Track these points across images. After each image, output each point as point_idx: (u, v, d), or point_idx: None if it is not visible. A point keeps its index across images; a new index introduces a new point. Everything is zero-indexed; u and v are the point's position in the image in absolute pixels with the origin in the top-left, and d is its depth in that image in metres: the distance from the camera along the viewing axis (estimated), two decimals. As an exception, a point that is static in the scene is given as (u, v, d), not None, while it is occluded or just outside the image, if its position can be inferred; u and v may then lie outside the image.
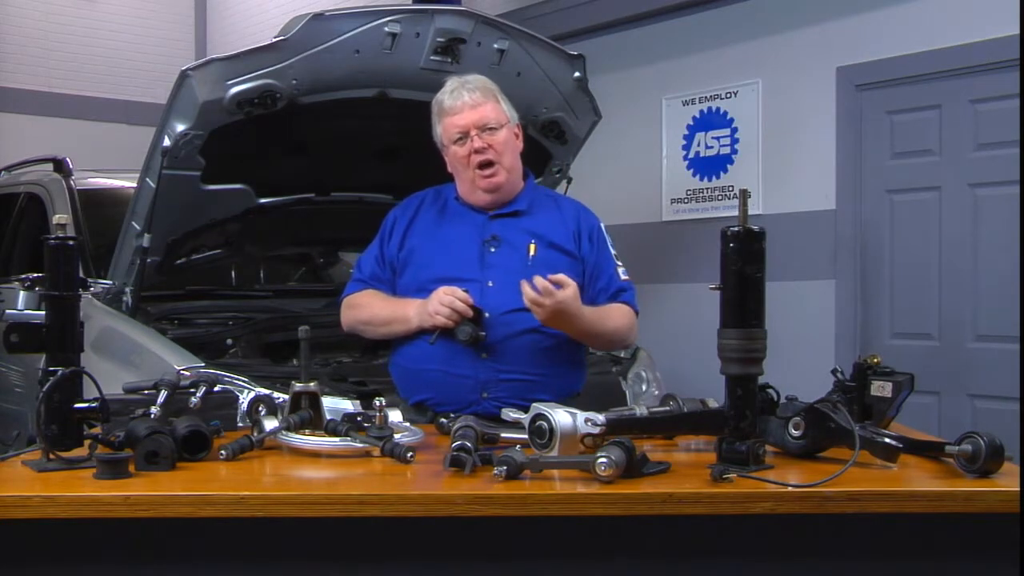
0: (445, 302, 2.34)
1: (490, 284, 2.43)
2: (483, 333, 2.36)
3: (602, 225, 2.60)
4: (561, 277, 2.29)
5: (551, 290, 2.26)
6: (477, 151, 2.45)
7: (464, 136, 2.46)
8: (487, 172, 2.46)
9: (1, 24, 8.33)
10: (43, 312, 1.84)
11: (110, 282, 3.71)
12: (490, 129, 2.46)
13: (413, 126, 2.88)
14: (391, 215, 2.63)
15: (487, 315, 2.37)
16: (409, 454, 1.80)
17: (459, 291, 2.36)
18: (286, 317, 4.01)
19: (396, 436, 1.90)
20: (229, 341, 3.76)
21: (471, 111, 2.46)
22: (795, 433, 1.84)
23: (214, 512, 1.56)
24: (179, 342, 3.49)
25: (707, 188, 5.35)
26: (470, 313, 2.34)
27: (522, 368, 2.40)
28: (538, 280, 2.27)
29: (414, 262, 2.52)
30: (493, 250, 2.47)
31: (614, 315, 2.50)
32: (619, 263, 2.56)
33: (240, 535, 1.61)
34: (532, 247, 2.46)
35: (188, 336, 3.66)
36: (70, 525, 1.58)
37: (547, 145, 3.99)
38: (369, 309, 2.55)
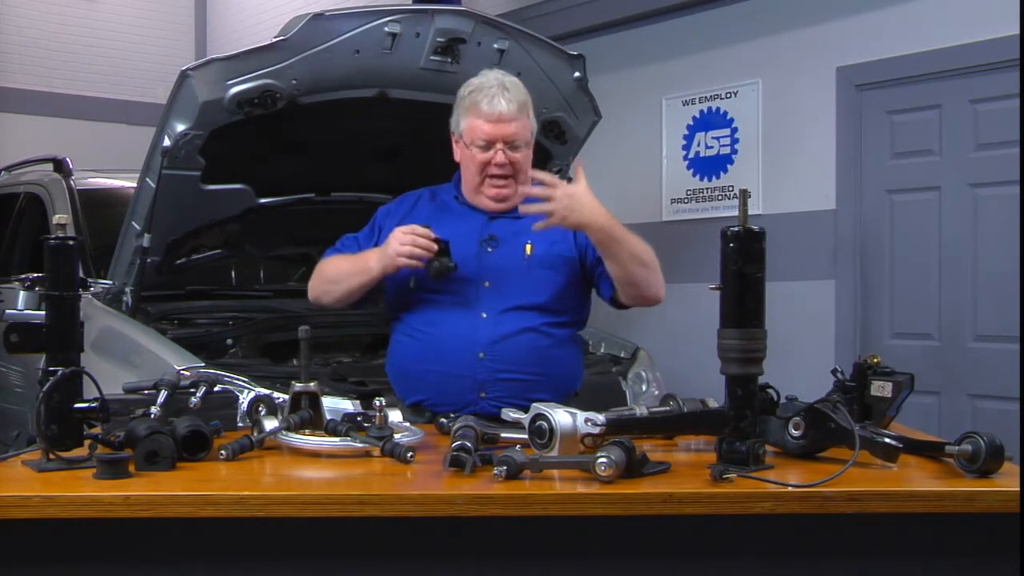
0: (405, 241, 2.30)
1: (487, 284, 2.41)
2: (452, 265, 2.32)
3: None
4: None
5: (557, 181, 2.29)
6: (498, 164, 2.42)
7: (488, 146, 2.42)
8: (499, 183, 2.44)
9: (1, 24, 8.33)
10: (43, 312, 1.84)
11: (110, 282, 3.71)
12: (516, 146, 2.43)
13: (413, 126, 2.88)
14: (383, 208, 2.61)
15: (448, 243, 2.33)
16: (409, 454, 1.80)
17: (418, 227, 2.32)
18: (286, 317, 4.01)
19: (396, 436, 1.90)
20: (229, 341, 3.76)
21: (505, 124, 2.40)
22: (795, 433, 1.83)
23: (214, 512, 1.56)
24: (179, 342, 3.49)
25: (707, 188, 5.36)
26: (435, 247, 2.30)
27: (520, 367, 2.38)
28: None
29: None
30: (490, 250, 2.45)
31: (635, 236, 2.42)
32: None
33: (240, 535, 1.61)
34: (528, 247, 2.44)
35: (188, 336, 3.66)
36: (70, 525, 1.58)
37: (547, 145, 3.99)
38: (332, 268, 2.52)
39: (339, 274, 2.50)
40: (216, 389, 2.17)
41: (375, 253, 2.41)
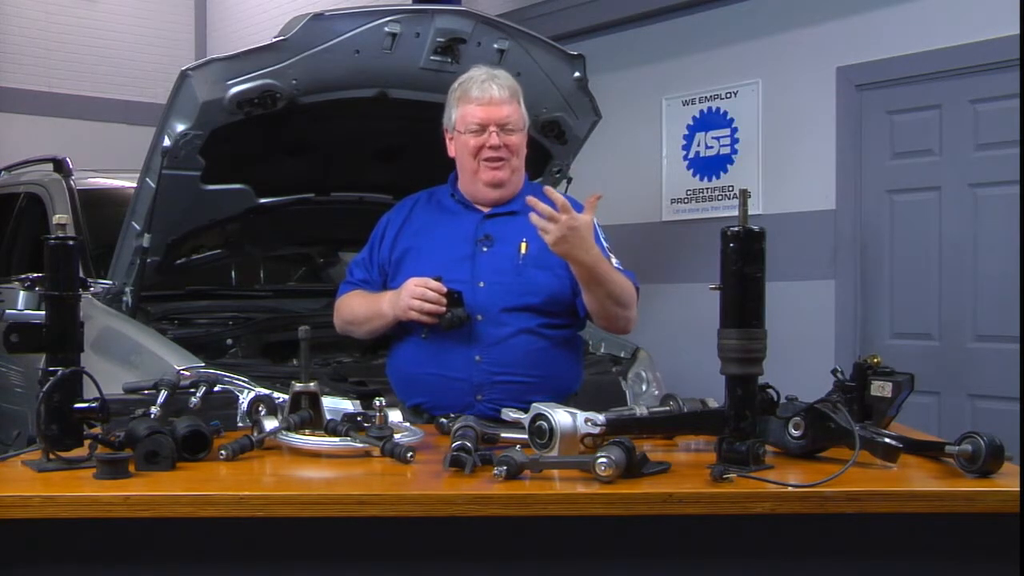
0: (416, 295, 2.32)
1: (481, 284, 2.41)
2: (465, 316, 2.33)
3: (594, 220, 2.56)
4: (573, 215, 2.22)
5: (567, 207, 2.21)
6: (492, 147, 2.42)
7: (482, 129, 2.42)
8: (494, 165, 2.44)
9: (1, 24, 8.33)
10: (43, 312, 1.84)
11: (110, 282, 3.71)
12: (509, 129, 2.43)
13: (413, 126, 2.88)
14: (384, 219, 2.62)
15: (461, 294, 2.34)
16: (409, 454, 1.80)
17: (430, 281, 2.32)
18: (286, 317, 4.01)
19: (396, 436, 1.90)
20: (229, 341, 3.76)
21: (497, 107, 2.42)
22: (795, 433, 1.83)
23: (214, 512, 1.56)
24: (179, 342, 3.49)
25: (707, 188, 5.36)
26: (444, 303, 2.31)
27: (517, 370, 2.38)
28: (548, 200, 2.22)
29: (407, 262, 2.49)
30: (485, 249, 2.44)
31: (619, 276, 2.40)
32: (612, 256, 2.47)
33: (240, 535, 1.61)
34: (524, 245, 2.42)
35: (188, 336, 3.66)
36: (70, 525, 1.58)
37: (547, 145, 3.99)
38: (350, 309, 2.55)
39: (356, 316, 2.54)
40: (216, 389, 2.17)
41: (388, 298, 2.42)
